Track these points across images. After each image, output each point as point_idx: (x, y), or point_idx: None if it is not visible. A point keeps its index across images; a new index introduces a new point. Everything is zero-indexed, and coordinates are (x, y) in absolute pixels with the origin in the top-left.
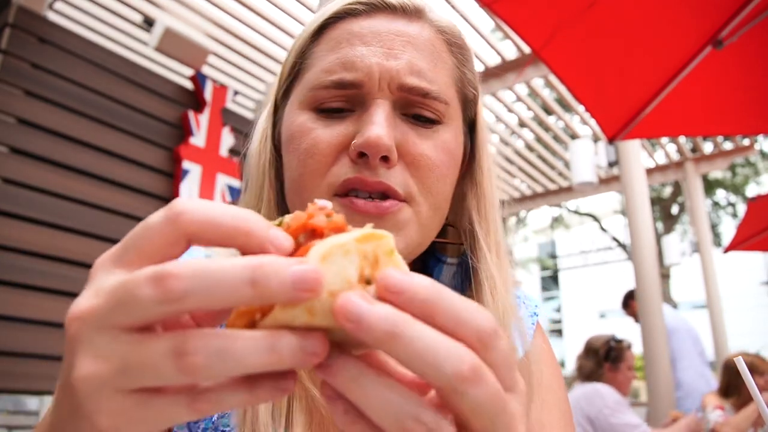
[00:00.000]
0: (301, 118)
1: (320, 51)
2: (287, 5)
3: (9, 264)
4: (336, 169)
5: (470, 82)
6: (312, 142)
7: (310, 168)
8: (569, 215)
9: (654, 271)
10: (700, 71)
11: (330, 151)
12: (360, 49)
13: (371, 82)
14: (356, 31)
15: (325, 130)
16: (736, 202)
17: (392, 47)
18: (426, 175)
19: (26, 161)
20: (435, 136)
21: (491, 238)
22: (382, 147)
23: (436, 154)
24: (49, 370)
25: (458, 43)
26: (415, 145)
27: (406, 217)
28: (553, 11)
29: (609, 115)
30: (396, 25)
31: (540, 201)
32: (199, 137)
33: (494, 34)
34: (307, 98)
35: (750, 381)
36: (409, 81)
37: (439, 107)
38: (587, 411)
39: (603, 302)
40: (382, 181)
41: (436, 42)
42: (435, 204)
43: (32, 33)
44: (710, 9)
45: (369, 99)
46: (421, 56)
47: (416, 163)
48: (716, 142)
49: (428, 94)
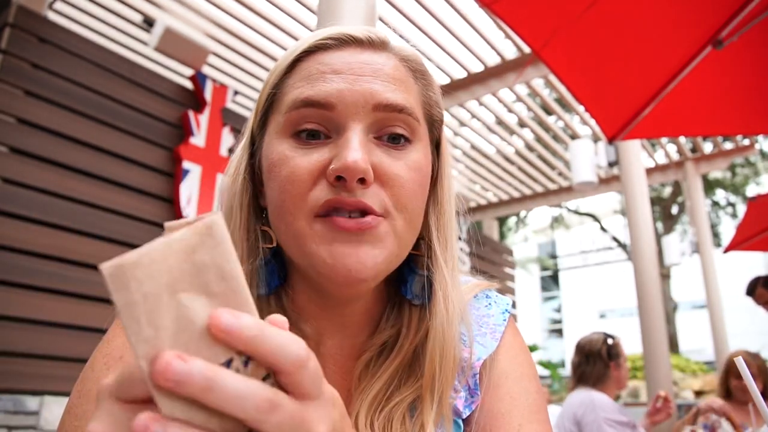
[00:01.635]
0: (280, 147)
1: (293, 81)
2: (287, 5)
3: (9, 264)
4: (315, 192)
5: (436, 104)
6: (291, 169)
7: (291, 194)
8: (569, 215)
9: (654, 271)
10: (700, 71)
11: (309, 177)
12: (331, 77)
13: (343, 105)
14: (327, 62)
15: (303, 158)
16: (736, 202)
17: (362, 74)
18: (399, 193)
19: (26, 161)
20: (406, 156)
21: (448, 254)
22: (359, 170)
23: (407, 173)
24: (49, 370)
25: (421, 70)
26: (388, 166)
27: (384, 230)
28: (553, 11)
29: (609, 115)
30: (364, 56)
31: (540, 201)
32: (199, 137)
33: (494, 34)
34: (282, 124)
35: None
36: (383, 100)
37: (412, 123)
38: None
39: (603, 302)
40: (360, 200)
41: (402, 69)
42: (409, 218)
43: (32, 33)
44: (710, 9)
45: (343, 123)
46: (390, 81)
47: (390, 183)
48: (716, 142)
49: (403, 109)
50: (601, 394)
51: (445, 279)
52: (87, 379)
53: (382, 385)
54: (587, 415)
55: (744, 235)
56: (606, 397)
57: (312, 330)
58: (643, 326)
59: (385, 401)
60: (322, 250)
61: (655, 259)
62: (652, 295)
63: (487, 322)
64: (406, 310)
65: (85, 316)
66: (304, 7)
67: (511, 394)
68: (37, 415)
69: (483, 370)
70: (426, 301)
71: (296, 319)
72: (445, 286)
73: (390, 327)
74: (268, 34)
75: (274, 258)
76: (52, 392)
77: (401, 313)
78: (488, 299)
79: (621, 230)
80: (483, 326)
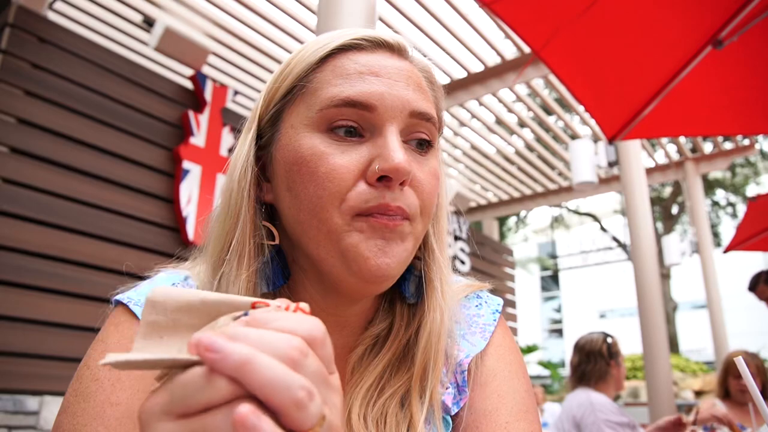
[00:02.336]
0: (312, 141)
1: (326, 76)
2: (287, 5)
3: (9, 264)
4: (355, 193)
5: (442, 115)
6: (331, 167)
7: (330, 191)
8: (569, 215)
9: (654, 271)
10: (700, 71)
11: (349, 176)
12: (370, 78)
13: (383, 107)
14: (364, 62)
15: (342, 155)
16: (736, 202)
17: (398, 80)
18: (426, 198)
19: (26, 161)
20: (428, 163)
21: (444, 254)
22: (405, 171)
23: (431, 180)
24: (49, 370)
25: (434, 81)
26: (419, 171)
27: (407, 230)
28: (553, 11)
29: (609, 115)
30: (395, 61)
31: (540, 201)
32: (199, 137)
33: (494, 34)
34: (315, 119)
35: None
36: (418, 107)
37: (434, 131)
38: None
39: (603, 302)
40: (401, 205)
41: (421, 78)
42: (425, 223)
43: (32, 33)
44: (710, 9)
45: (380, 125)
46: (419, 89)
47: (420, 187)
48: (716, 142)
49: (431, 118)
50: (600, 394)
51: (443, 273)
52: (83, 377)
53: (374, 378)
54: (587, 417)
55: (744, 235)
56: (605, 398)
57: None
58: (643, 326)
59: (377, 394)
60: (360, 244)
61: (655, 259)
62: (652, 295)
63: (477, 321)
64: (398, 306)
65: (85, 316)
66: (304, 7)
67: (498, 392)
68: (37, 415)
69: (471, 368)
70: (419, 299)
71: None
72: (442, 281)
73: (382, 321)
74: (268, 34)
75: (278, 256)
76: (52, 392)
77: (393, 307)
78: (479, 299)
79: (621, 230)
80: (473, 326)
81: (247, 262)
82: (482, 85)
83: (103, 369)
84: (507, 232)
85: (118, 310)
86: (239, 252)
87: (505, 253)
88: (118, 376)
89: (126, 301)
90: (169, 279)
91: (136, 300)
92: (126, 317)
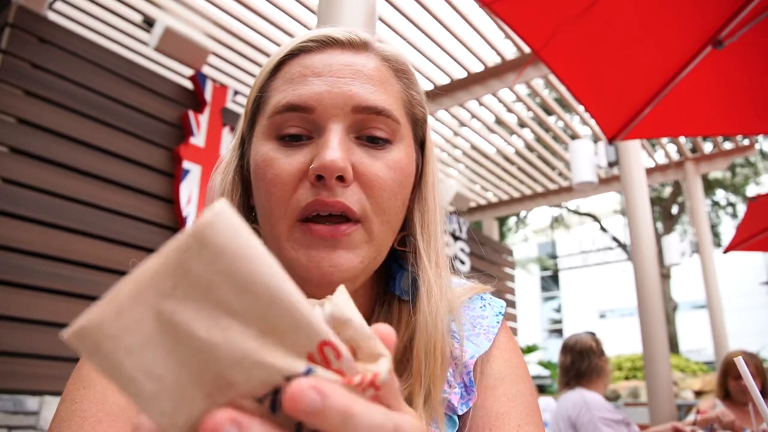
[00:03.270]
0: (265, 149)
1: (277, 84)
2: (287, 5)
3: (9, 264)
4: (298, 194)
5: (418, 103)
6: (275, 171)
7: (276, 196)
8: (569, 215)
9: (654, 271)
10: (700, 71)
11: (291, 178)
12: (312, 79)
13: (323, 107)
14: (308, 64)
15: (286, 159)
16: (736, 202)
17: (342, 75)
18: (378, 194)
19: (26, 161)
20: (386, 156)
21: (431, 249)
22: (337, 168)
23: (387, 173)
24: (49, 370)
25: (403, 69)
26: (368, 165)
27: (359, 238)
28: (553, 11)
29: (609, 115)
30: (344, 57)
31: (540, 201)
32: (199, 137)
33: (494, 34)
34: (267, 127)
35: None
36: (362, 102)
37: (391, 125)
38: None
39: (603, 302)
40: (340, 200)
41: (383, 69)
42: (386, 220)
43: (32, 33)
44: (710, 9)
45: (322, 124)
46: (370, 82)
47: (370, 183)
48: (716, 142)
49: (381, 111)
50: (593, 393)
51: (429, 275)
52: (84, 366)
53: None
54: (582, 415)
55: (744, 235)
56: (599, 396)
57: None
58: (643, 326)
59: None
60: (300, 255)
61: (655, 259)
62: (652, 295)
63: (481, 323)
64: (396, 305)
65: None
66: (304, 7)
67: (507, 395)
68: (37, 415)
69: (477, 369)
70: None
71: None
72: (428, 283)
73: (381, 320)
74: (268, 34)
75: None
76: (52, 392)
77: (391, 309)
78: (483, 301)
79: (621, 230)
80: (477, 327)
81: None
82: (482, 85)
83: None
84: (507, 232)
85: None
86: None
87: (505, 253)
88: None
89: None
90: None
91: None
92: None
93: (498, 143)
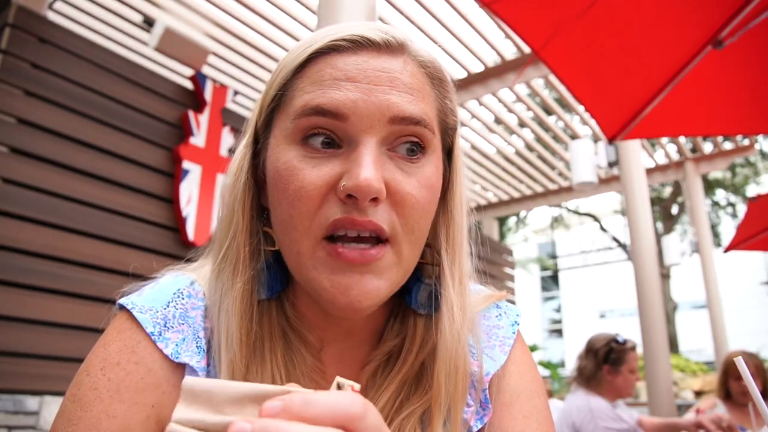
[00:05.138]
0: (288, 156)
1: (303, 84)
2: (287, 5)
3: (9, 264)
4: (324, 210)
5: (451, 112)
6: (300, 183)
7: (299, 210)
8: (569, 215)
9: (654, 271)
10: (700, 71)
11: (318, 193)
12: (345, 84)
13: (357, 116)
14: (341, 67)
15: (312, 170)
16: (736, 202)
17: (378, 83)
18: (410, 214)
19: (26, 161)
20: (419, 172)
21: (456, 266)
22: (372, 190)
23: (419, 192)
24: (49, 370)
25: (439, 76)
26: (401, 183)
27: (388, 261)
28: (553, 11)
29: (609, 115)
30: (380, 61)
31: (540, 201)
32: (199, 137)
33: (494, 34)
34: (291, 130)
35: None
36: (400, 113)
37: (427, 135)
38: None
39: (603, 302)
40: (371, 219)
41: (419, 76)
42: (415, 240)
43: (32, 33)
44: (710, 9)
45: (355, 136)
46: (408, 90)
47: (402, 202)
48: (716, 142)
49: (420, 122)
50: (598, 398)
51: (451, 294)
52: (81, 384)
53: (389, 396)
54: (586, 424)
55: (744, 235)
56: (604, 403)
57: (315, 337)
58: (643, 326)
59: (394, 413)
60: (323, 279)
61: (655, 259)
62: (652, 295)
63: (497, 333)
64: (411, 319)
65: (85, 316)
66: (304, 7)
67: (523, 412)
68: (37, 415)
69: (491, 384)
70: (433, 311)
71: (298, 325)
72: (450, 302)
73: (394, 337)
74: (268, 34)
75: (276, 262)
76: (52, 392)
77: (405, 322)
78: (498, 309)
79: (621, 230)
80: (492, 338)
81: (243, 269)
82: (482, 85)
83: (103, 378)
84: (507, 232)
85: (122, 316)
86: (234, 258)
87: (505, 253)
88: (117, 387)
89: (130, 307)
90: (174, 283)
91: (140, 306)
92: (129, 324)
93: (498, 143)
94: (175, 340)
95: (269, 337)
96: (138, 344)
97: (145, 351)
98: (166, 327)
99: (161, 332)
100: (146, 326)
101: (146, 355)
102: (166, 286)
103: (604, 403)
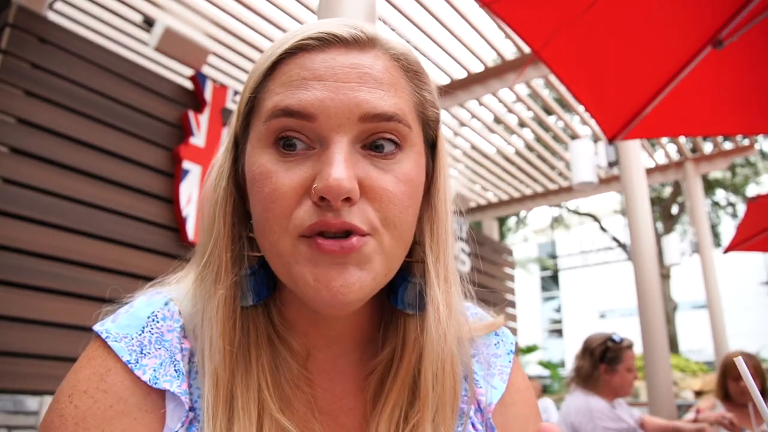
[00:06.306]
0: (262, 159)
1: (274, 86)
2: (287, 5)
3: (9, 264)
4: (299, 212)
5: (431, 104)
6: (273, 186)
7: (274, 213)
8: (569, 215)
9: (654, 271)
10: (700, 71)
11: (292, 195)
12: (313, 84)
13: (325, 116)
14: (309, 66)
15: (285, 174)
16: (736, 202)
17: (347, 80)
18: (388, 208)
19: (26, 161)
20: (396, 168)
21: (440, 264)
22: (342, 191)
23: (396, 186)
24: (49, 370)
25: (414, 68)
26: (376, 179)
27: (370, 250)
28: (553, 11)
29: (609, 115)
30: (348, 57)
31: (540, 201)
32: (199, 137)
33: (494, 34)
34: (263, 133)
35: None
36: (370, 110)
37: (403, 130)
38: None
39: (603, 302)
40: (345, 220)
41: (392, 70)
42: (398, 234)
43: (32, 33)
44: (710, 9)
45: (326, 136)
46: (379, 85)
47: (378, 198)
48: (716, 142)
49: (392, 117)
50: (597, 398)
51: (436, 292)
52: (51, 410)
53: (392, 405)
54: (585, 425)
55: (744, 235)
56: (602, 403)
57: (299, 345)
58: (643, 326)
59: (403, 422)
60: (306, 273)
61: (655, 259)
62: (652, 295)
63: (496, 362)
64: (401, 322)
65: (84, 316)
66: (304, 7)
67: None
68: (37, 415)
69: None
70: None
71: (284, 332)
72: (436, 300)
73: (390, 341)
74: (268, 34)
75: (263, 268)
76: (52, 392)
77: (396, 326)
78: (497, 336)
79: (621, 230)
80: (492, 366)
81: (225, 276)
82: (482, 85)
83: (69, 405)
84: (507, 232)
85: (95, 343)
86: (216, 265)
87: (505, 253)
88: (83, 415)
89: (104, 336)
90: (148, 306)
91: (114, 335)
92: (100, 352)
93: (498, 143)
94: (152, 365)
95: (255, 344)
96: (108, 372)
97: (116, 378)
98: (142, 354)
99: (138, 359)
100: (122, 355)
101: (116, 383)
102: (139, 310)
103: (602, 404)
